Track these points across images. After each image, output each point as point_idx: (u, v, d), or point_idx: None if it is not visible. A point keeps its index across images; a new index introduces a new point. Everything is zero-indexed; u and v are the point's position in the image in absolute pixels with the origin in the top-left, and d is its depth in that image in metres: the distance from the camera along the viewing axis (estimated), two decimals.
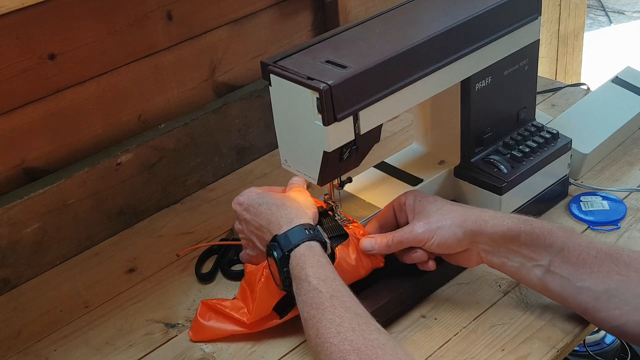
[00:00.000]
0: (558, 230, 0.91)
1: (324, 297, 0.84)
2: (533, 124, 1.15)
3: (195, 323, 0.99)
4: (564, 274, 0.89)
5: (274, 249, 0.90)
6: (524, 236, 0.90)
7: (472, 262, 0.96)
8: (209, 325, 0.98)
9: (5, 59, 1.08)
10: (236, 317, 0.97)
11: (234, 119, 1.34)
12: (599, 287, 0.87)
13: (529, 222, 0.91)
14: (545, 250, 0.90)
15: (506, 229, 0.91)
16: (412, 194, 0.99)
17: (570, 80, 2.51)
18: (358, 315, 0.82)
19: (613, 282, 0.87)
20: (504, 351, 0.92)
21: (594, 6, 4.13)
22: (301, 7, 1.44)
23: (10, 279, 1.13)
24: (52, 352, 1.01)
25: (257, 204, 0.96)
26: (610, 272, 0.87)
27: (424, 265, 0.96)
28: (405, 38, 0.93)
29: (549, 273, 0.90)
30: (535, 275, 0.91)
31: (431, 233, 0.93)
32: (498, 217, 0.92)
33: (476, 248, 0.93)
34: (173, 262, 1.15)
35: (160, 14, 1.23)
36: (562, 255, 0.89)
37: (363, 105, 0.89)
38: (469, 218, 0.92)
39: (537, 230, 0.90)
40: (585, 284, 0.88)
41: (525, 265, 0.91)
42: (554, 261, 0.89)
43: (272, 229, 0.92)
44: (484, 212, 0.93)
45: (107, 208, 1.21)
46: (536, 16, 1.07)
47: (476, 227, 0.92)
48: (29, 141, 1.15)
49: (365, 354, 0.77)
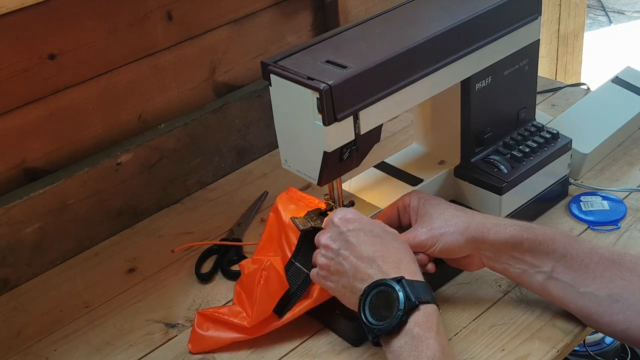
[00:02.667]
0: (560, 237, 0.90)
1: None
2: (533, 124, 1.15)
3: (193, 334, 0.98)
4: (566, 280, 0.89)
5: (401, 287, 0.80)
6: (527, 243, 0.90)
7: (474, 266, 0.95)
8: (208, 336, 0.96)
9: (5, 59, 1.08)
10: (236, 322, 0.95)
11: (234, 119, 1.34)
12: (602, 292, 0.87)
13: (531, 229, 0.91)
14: (547, 257, 0.89)
15: (509, 237, 0.90)
16: (416, 195, 0.99)
17: (570, 80, 2.51)
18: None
19: (616, 287, 0.86)
20: (504, 351, 0.92)
21: (594, 6, 4.13)
22: (301, 7, 1.44)
23: (10, 279, 1.13)
24: (52, 352, 1.01)
25: (368, 231, 0.87)
26: (613, 277, 0.87)
27: (424, 268, 0.96)
28: (405, 38, 0.93)
29: (551, 279, 0.90)
30: (538, 281, 0.91)
31: (434, 239, 0.93)
32: (501, 225, 0.92)
33: (478, 254, 0.93)
34: (173, 262, 1.15)
35: (160, 14, 1.23)
36: (564, 261, 0.89)
37: (363, 105, 0.89)
38: (472, 225, 0.92)
39: (539, 237, 0.90)
40: (588, 289, 0.88)
41: (527, 272, 0.91)
42: (556, 267, 0.89)
43: (389, 269, 0.83)
44: (486, 219, 0.93)
45: (107, 208, 1.21)
46: (536, 16, 1.07)
47: (478, 235, 0.91)
48: (29, 141, 1.15)
49: None
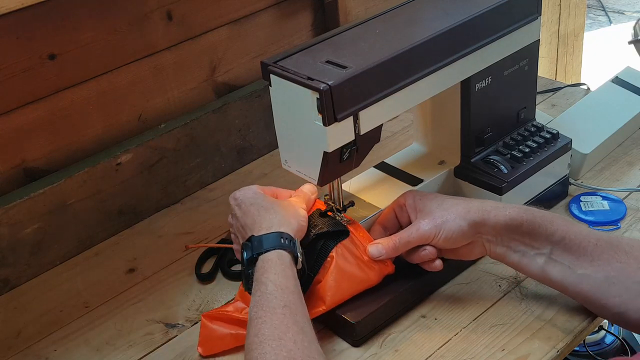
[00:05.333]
0: (559, 219, 0.92)
1: (277, 303, 0.84)
2: (533, 124, 1.15)
3: (202, 337, 0.98)
4: (565, 262, 0.90)
5: (246, 248, 0.90)
6: (526, 225, 0.91)
7: (474, 254, 0.96)
8: (217, 334, 0.96)
9: (5, 59, 1.08)
10: (241, 317, 0.95)
11: (234, 119, 1.34)
12: (600, 274, 0.88)
13: (530, 211, 0.92)
14: (546, 239, 0.91)
15: (508, 218, 0.92)
16: (410, 194, 0.99)
17: (570, 80, 2.51)
18: (304, 332, 0.82)
19: (613, 269, 0.88)
20: (504, 351, 0.92)
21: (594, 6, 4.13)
22: (301, 7, 1.44)
23: (10, 279, 1.13)
24: (52, 352, 1.01)
25: (249, 203, 0.96)
26: (610, 260, 0.88)
27: (431, 265, 0.96)
28: (405, 38, 0.93)
29: (550, 261, 0.91)
30: (537, 264, 0.92)
31: (437, 229, 0.93)
32: (500, 207, 0.93)
33: (480, 239, 0.94)
34: (173, 262, 1.15)
35: (160, 14, 1.23)
36: (563, 243, 0.90)
37: (363, 105, 0.89)
38: (472, 209, 0.93)
39: (538, 219, 0.91)
40: (586, 271, 0.89)
41: (527, 254, 0.92)
42: (555, 249, 0.91)
43: (254, 230, 0.92)
44: (485, 203, 0.95)
45: (107, 208, 1.21)
46: (536, 16, 1.07)
47: (479, 218, 0.92)
48: (29, 141, 1.15)
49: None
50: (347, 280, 0.94)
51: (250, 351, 0.81)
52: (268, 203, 0.96)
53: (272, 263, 0.88)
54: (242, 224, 0.95)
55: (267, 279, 0.86)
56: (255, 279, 0.88)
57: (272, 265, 0.87)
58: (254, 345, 0.80)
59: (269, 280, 0.86)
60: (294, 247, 0.90)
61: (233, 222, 1.00)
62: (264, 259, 0.88)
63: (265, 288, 0.85)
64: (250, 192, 0.98)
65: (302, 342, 0.80)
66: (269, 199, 0.97)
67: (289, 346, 0.79)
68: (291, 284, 0.87)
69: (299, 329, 0.82)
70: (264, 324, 0.82)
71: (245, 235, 0.93)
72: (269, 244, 0.89)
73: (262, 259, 0.88)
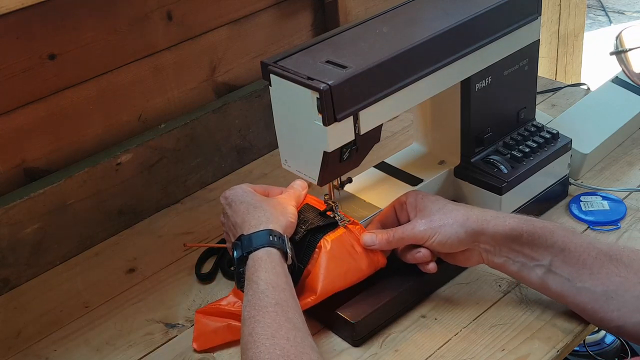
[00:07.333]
0: (559, 230, 0.91)
1: (268, 301, 0.85)
2: (533, 124, 1.15)
3: (196, 332, 0.98)
4: (564, 274, 0.89)
5: (236, 247, 0.91)
6: (526, 236, 0.90)
7: (472, 261, 0.96)
8: (210, 327, 0.97)
9: (5, 59, 1.08)
10: (233, 310, 0.96)
11: (234, 119, 1.34)
12: (598, 288, 0.87)
13: (530, 221, 0.91)
14: (546, 250, 0.90)
15: (508, 229, 0.91)
16: (413, 193, 0.99)
17: (570, 80, 2.51)
18: (297, 328, 0.83)
19: (612, 283, 0.87)
20: (504, 351, 0.92)
21: (594, 6, 4.13)
22: (301, 7, 1.44)
23: (10, 279, 1.13)
24: (52, 352, 1.01)
25: (239, 201, 0.97)
26: (610, 274, 0.87)
27: (425, 267, 0.96)
28: (405, 38, 0.93)
29: (549, 273, 0.90)
30: (536, 275, 0.91)
31: (432, 231, 0.93)
32: (500, 217, 0.92)
33: (477, 248, 0.93)
34: (173, 262, 1.15)
35: (160, 14, 1.23)
36: (562, 255, 0.89)
37: (363, 105, 0.89)
38: (471, 217, 0.92)
39: (538, 230, 0.90)
40: (585, 284, 0.88)
41: (526, 265, 0.91)
42: (554, 261, 0.90)
43: (243, 228, 0.93)
44: (485, 212, 0.94)
45: (107, 208, 1.21)
46: (536, 16, 1.07)
47: (478, 227, 0.92)
48: (29, 141, 1.15)
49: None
50: (337, 268, 0.94)
51: (246, 351, 0.81)
52: (257, 201, 0.96)
53: (262, 261, 0.89)
54: (233, 223, 0.96)
55: (258, 278, 0.87)
56: (246, 278, 0.89)
57: (262, 263, 0.88)
58: (249, 345, 0.81)
59: (259, 278, 0.87)
60: (284, 244, 0.91)
61: (225, 221, 1.00)
62: (254, 257, 0.89)
63: (257, 287, 0.86)
64: (240, 191, 0.99)
65: (295, 338, 0.81)
66: (257, 196, 0.98)
67: (282, 344, 0.80)
68: (282, 281, 0.88)
69: (291, 325, 0.83)
70: (257, 323, 0.83)
71: (236, 233, 0.94)
72: (258, 242, 0.90)
73: (252, 257, 0.89)
